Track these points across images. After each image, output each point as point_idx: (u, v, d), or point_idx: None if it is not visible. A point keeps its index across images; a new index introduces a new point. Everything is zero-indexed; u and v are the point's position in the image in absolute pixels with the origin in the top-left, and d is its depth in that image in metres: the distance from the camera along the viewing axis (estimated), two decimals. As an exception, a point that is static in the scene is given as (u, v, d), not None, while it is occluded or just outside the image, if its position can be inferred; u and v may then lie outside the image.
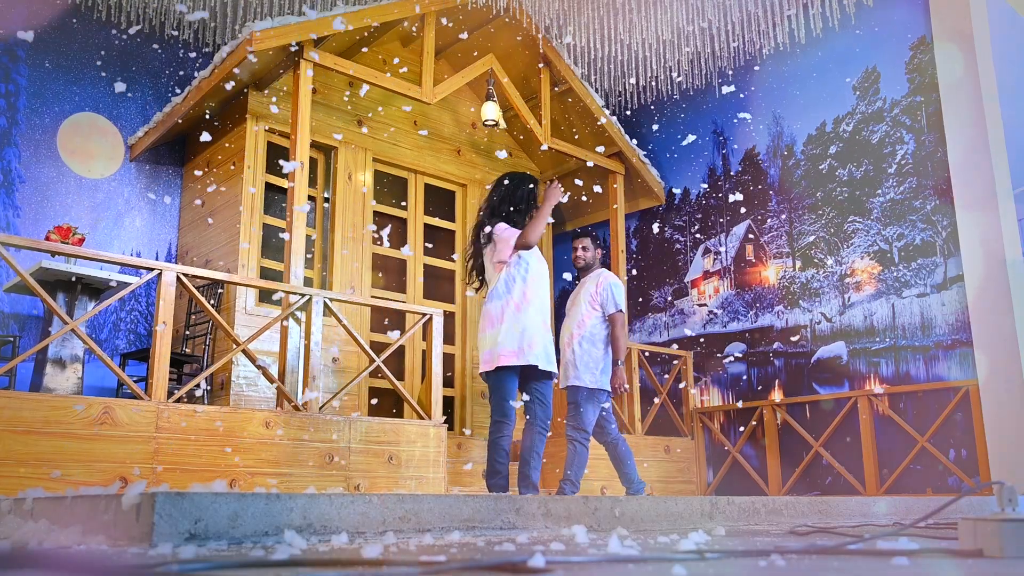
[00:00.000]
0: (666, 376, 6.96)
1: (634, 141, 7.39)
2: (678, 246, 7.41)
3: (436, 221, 7.10)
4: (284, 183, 5.67)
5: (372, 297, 6.31)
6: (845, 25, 6.32)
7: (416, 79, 6.07)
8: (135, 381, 4.62)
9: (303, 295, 4.77)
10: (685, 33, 6.62)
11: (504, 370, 4.09)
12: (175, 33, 6.84)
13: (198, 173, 6.46)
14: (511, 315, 4.13)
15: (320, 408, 4.62)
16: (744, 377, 6.72)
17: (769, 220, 6.76)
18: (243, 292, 5.67)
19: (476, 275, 4.41)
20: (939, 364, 5.64)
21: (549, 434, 4.27)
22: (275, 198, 6.18)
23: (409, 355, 6.62)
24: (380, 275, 6.82)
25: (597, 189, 6.69)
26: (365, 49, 6.47)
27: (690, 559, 1.54)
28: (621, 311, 4.80)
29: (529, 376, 4.21)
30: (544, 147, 6.81)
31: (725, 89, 6.54)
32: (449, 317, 6.78)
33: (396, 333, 5.00)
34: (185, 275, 4.35)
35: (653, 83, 7.42)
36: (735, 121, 7.10)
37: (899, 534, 2.06)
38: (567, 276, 5.52)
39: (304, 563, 1.47)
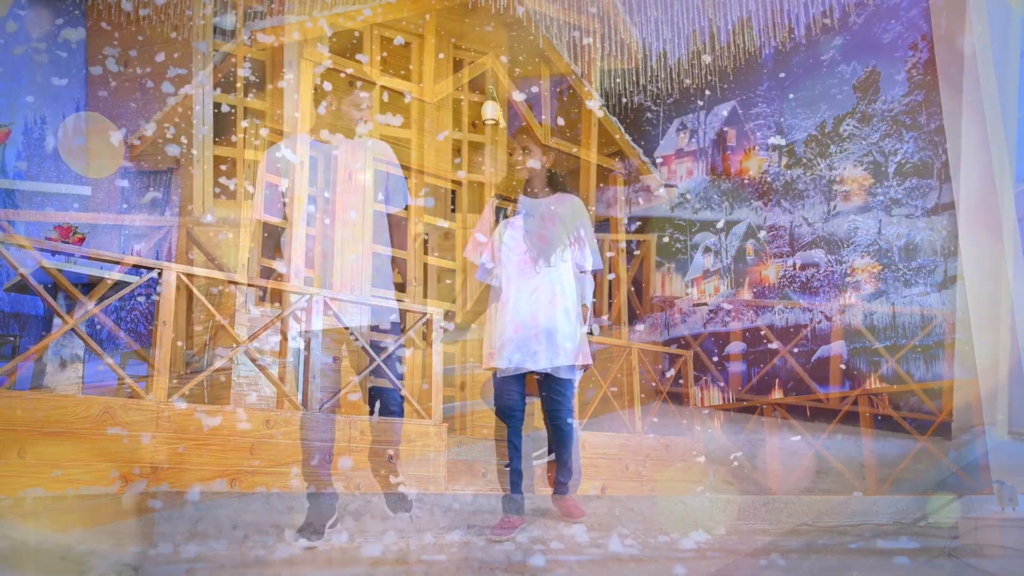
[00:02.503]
0: (666, 376, 6.96)
1: (637, 140, 7.38)
2: (678, 245, 7.41)
3: (436, 220, 7.09)
4: (284, 183, 5.66)
5: (372, 297, 6.30)
6: (845, 25, 6.31)
7: (416, 79, 6.06)
8: (135, 380, 4.61)
9: (303, 295, 4.77)
10: (685, 33, 6.61)
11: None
12: (175, 33, 6.83)
13: (198, 173, 6.45)
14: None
15: (320, 408, 4.62)
16: (744, 376, 6.72)
17: (770, 219, 6.75)
18: (243, 292, 5.66)
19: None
20: (939, 363, 5.63)
21: None
22: (275, 197, 6.16)
23: (409, 355, 6.61)
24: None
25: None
26: (365, 48, 6.45)
27: (690, 559, 1.54)
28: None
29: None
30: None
31: (725, 89, 6.55)
32: (449, 317, 6.77)
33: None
34: (185, 275, 4.34)
35: (653, 82, 7.41)
36: (735, 120, 7.09)
37: (899, 534, 2.06)
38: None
39: (304, 563, 1.47)
